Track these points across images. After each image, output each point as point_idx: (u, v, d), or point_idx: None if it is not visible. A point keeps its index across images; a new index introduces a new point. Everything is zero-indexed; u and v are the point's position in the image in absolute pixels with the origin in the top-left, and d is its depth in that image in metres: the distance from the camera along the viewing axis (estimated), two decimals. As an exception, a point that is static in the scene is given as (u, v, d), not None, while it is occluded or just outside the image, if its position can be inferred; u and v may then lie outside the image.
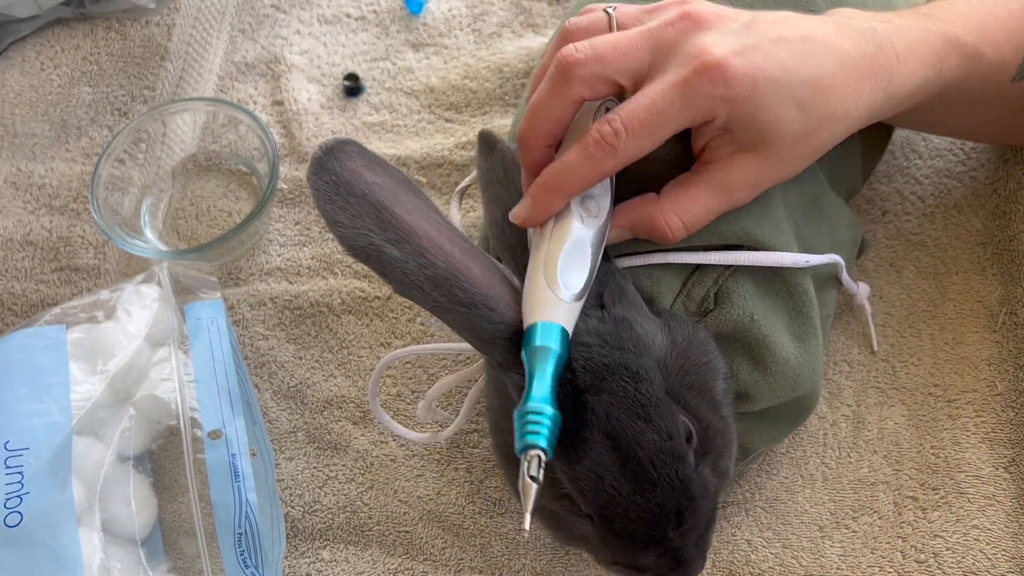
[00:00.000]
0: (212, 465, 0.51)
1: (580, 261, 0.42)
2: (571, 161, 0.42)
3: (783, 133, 0.43)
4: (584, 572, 0.55)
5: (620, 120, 0.41)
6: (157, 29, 0.75)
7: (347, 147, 0.41)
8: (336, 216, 0.40)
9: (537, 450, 0.38)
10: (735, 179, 0.44)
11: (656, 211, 0.44)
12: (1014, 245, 0.59)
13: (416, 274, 0.40)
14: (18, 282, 0.67)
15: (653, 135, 0.42)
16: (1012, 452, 0.55)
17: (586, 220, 0.43)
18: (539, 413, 0.39)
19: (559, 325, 0.41)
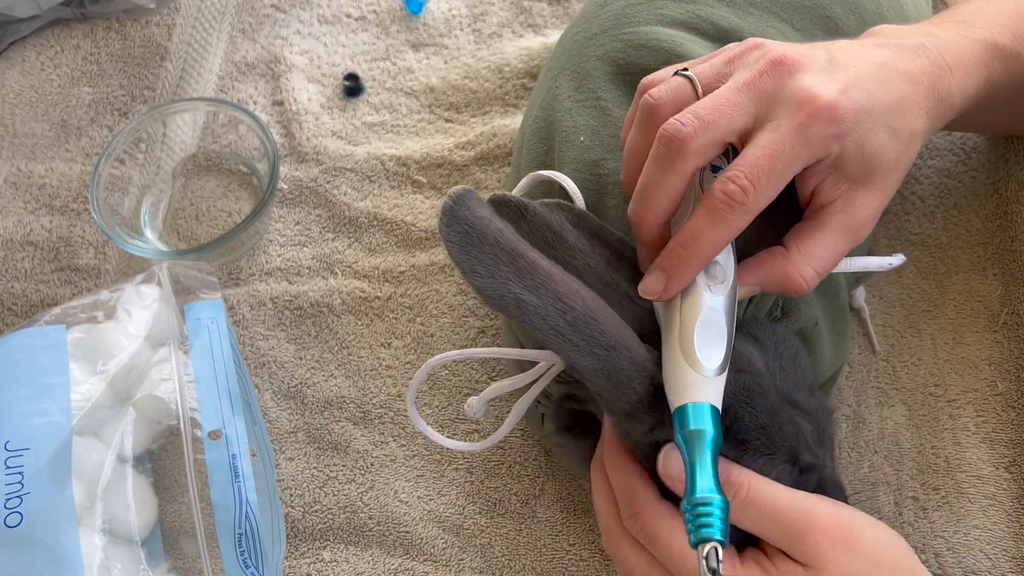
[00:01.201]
0: (212, 465, 0.51)
1: (716, 333, 0.42)
2: (701, 227, 0.41)
3: (886, 158, 0.43)
4: (584, 572, 0.55)
5: (744, 175, 0.41)
6: (157, 29, 0.75)
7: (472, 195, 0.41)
8: (474, 267, 0.39)
9: (714, 543, 0.38)
10: (859, 216, 0.44)
11: (789, 266, 0.43)
12: (1015, 245, 0.59)
13: (555, 319, 0.40)
14: (18, 282, 0.67)
15: (777, 184, 0.41)
16: (1013, 452, 0.55)
17: (713, 288, 0.43)
18: (708, 504, 0.39)
19: (709, 404, 0.40)
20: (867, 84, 0.43)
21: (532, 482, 0.58)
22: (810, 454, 0.43)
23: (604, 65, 0.54)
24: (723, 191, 0.41)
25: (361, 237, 0.67)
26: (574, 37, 0.58)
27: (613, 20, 0.56)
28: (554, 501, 0.57)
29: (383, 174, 0.69)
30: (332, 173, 0.69)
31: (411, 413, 0.49)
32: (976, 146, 0.63)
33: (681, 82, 0.44)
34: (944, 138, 0.64)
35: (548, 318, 0.40)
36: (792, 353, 0.45)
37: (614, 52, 0.54)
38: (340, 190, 0.69)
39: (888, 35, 0.47)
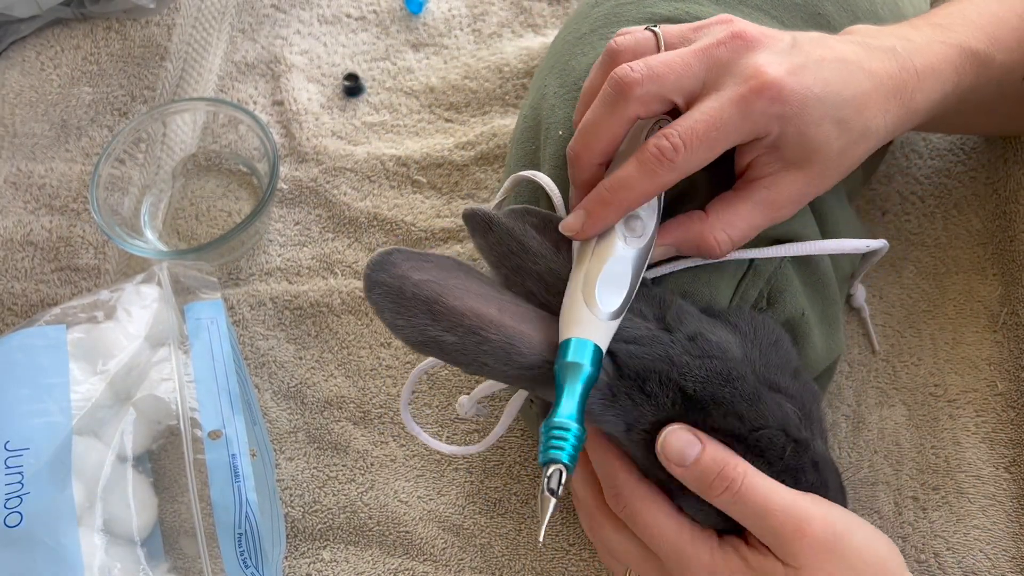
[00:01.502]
0: (212, 465, 0.51)
1: (620, 281, 0.43)
2: (629, 175, 0.43)
3: (827, 149, 0.44)
4: (584, 572, 0.55)
5: (678, 135, 0.42)
6: (157, 29, 0.75)
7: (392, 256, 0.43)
8: (395, 322, 0.42)
9: (559, 465, 0.39)
10: (782, 195, 0.45)
11: (704, 228, 0.45)
12: (1014, 245, 0.59)
13: (475, 352, 0.41)
14: (18, 282, 0.67)
15: (710, 149, 0.42)
16: (1013, 452, 0.55)
17: (629, 240, 0.44)
18: (565, 429, 0.40)
19: (592, 343, 0.41)
20: (824, 72, 0.43)
21: (532, 482, 0.58)
22: (797, 430, 0.43)
23: (590, 61, 0.54)
24: (656, 145, 0.42)
25: (361, 237, 0.67)
26: (565, 37, 0.58)
27: (603, 20, 0.56)
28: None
29: (383, 174, 0.69)
30: (332, 173, 0.69)
31: (405, 418, 0.50)
32: (976, 146, 0.63)
33: (647, 36, 0.46)
34: (944, 138, 0.64)
35: (469, 353, 0.41)
36: (772, 339, 0.46)
37: (601, 50, 0.54)
38: (340, 190, 0.69)
39: (863, 34, 0.48)
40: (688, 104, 0.43)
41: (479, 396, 0.50)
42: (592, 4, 0.59)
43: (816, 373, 0.51)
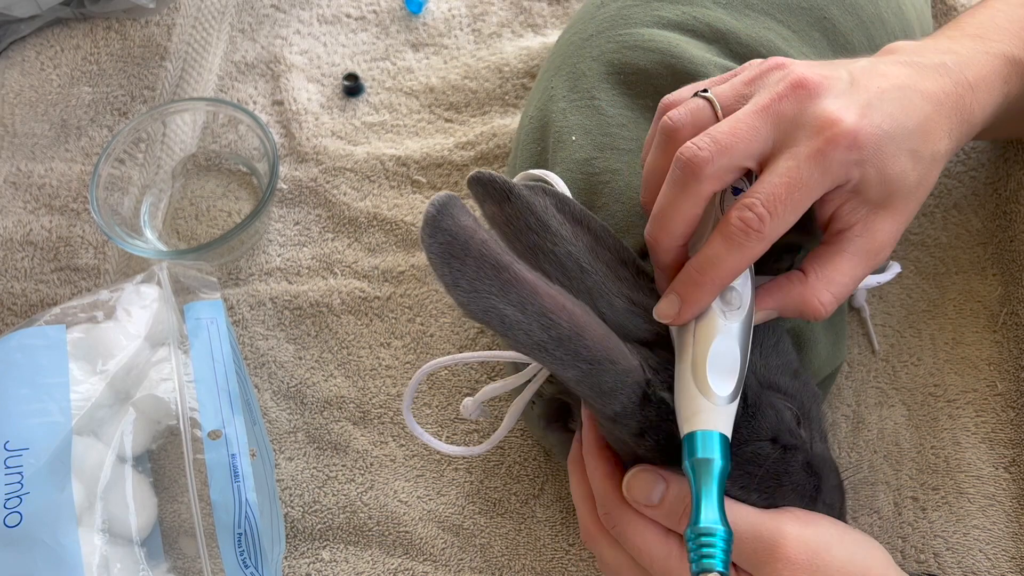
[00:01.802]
0: (212, 465, 0.51)
1: (729, 360, 0.41)
2: (717, 253, 0.41)
3: (906, 183, 0.43)
4: (584, 572, 0.55)
5: (761, 203, 0.40)
6: (157, 29, 0.75)
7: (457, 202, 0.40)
8: (456, 280, 0.38)
9: (715, 573, 0.38)
10: (878, 240, 0.44)
11: (807, 291, 0.43)
12: (1014, 245, 0.59)
13: (539, 335, 0.39)
14: (18, 282, 0.67)
15: (795, 211, 0.41)
16: (1012, 452, 0.55)
17: (728, 314, 0.42)
18: (712, 535, 0.39)
19: (719, 433, 0.40)
20: (889, 107, 0.42)
21: (532, 482, 0.58)
22: (791, 435, 0.43)
23: (599, 66, 0.54)
24: (740, 218, 0.40)
25: (361, 237, 0.67)
26: (571, 38, 0.58)
27: (609, 22, 0.56)
28: (554, 501, 0.57)
29: (383, 174, 0.69)
30: (332, 173, 0.69)
31: (408, 420, 0.49)
32: (976, 146, 0.63)
33: (701, 104, 0.44)
34: (944, 138, 0.64)
35: (532, 334, 0.39)
36: (773, 341, 0.45)
37: (609, 53, 0.54)
38: (340, 190, 0.69)
39: (908, 52, 0.47)
40: (761, 165, 0.42)
41: (484, 398, 0.50)
42: (597, 5, 0.59)
43: (818, 380, 0.51)
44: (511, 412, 0.49)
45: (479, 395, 0.50)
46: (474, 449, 0.51)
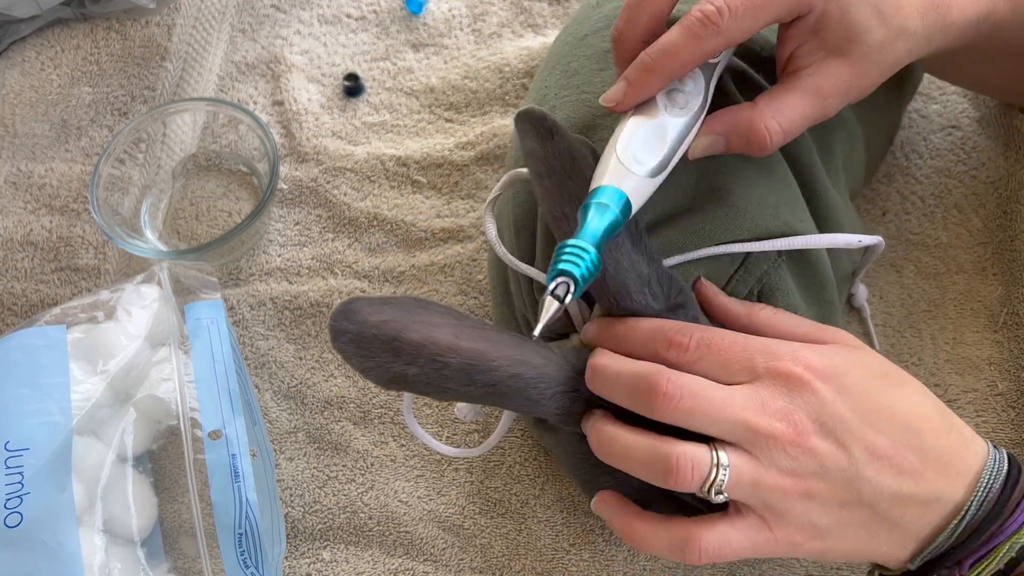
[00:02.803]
0: (212, 465, 0.51)
1: (657, 143, 0.43)
2: (672, 40, 0.42)
3: (868, 38, 0.44)
4: (584, 572, 0.55)
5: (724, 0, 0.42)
6: (157, 29, 0.75)
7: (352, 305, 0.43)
8: (363, 364, 0.42)
9: (567, 278, 0.39)
10: (828, 84, 0.44)
11: (754, 115, 0.44)
12: (1015, 245, 0.59)
13: (439, 379, 0.42)
14: (18, 282, 0.67)
15: (754, 18, 0.42)
16: (1013, 452, 0.55)
17: (671, 110, 0.43)
18: (583, 249, 0.39)
19: (623, 191, 0.41)
20: None
21: (532, 482, 0.58)
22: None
23: (591, 63, 0.54)
24: (700, 10, 0.42)
25: (361, 237, 0.67)
26: (566, 39, 0.58)
27: (604, 21, 0.56)
28: (554, 501, 0.57)
29: (383, 174, 0.69)
30: (332, 173, 0.69)
31: (409, 420, 0.50)
32: (976, 146, 0.63)
33: None
34: (944, 138, 0.64)
35: (432, 381, 0.42)
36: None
37: (603, 51, 0.54)
38: (340, 190, 0.69)
39: None
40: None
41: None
42: (593, 5, 0.59)
43: None
44: (506, 414, 0.49)
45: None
46: (472, 451, 0.52)
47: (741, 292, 0.47)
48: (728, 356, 0.41)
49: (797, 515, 0.40)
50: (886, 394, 0.42)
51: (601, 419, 0.43)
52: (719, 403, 0.40)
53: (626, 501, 0.44)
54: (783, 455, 0.39)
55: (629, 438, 0.41)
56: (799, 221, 0.49)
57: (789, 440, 0.39)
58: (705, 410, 0.40)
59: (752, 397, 0.40)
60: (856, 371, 0.42)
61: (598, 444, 0.42)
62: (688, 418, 0.40)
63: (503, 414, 0.50)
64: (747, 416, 0.39)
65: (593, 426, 0.43)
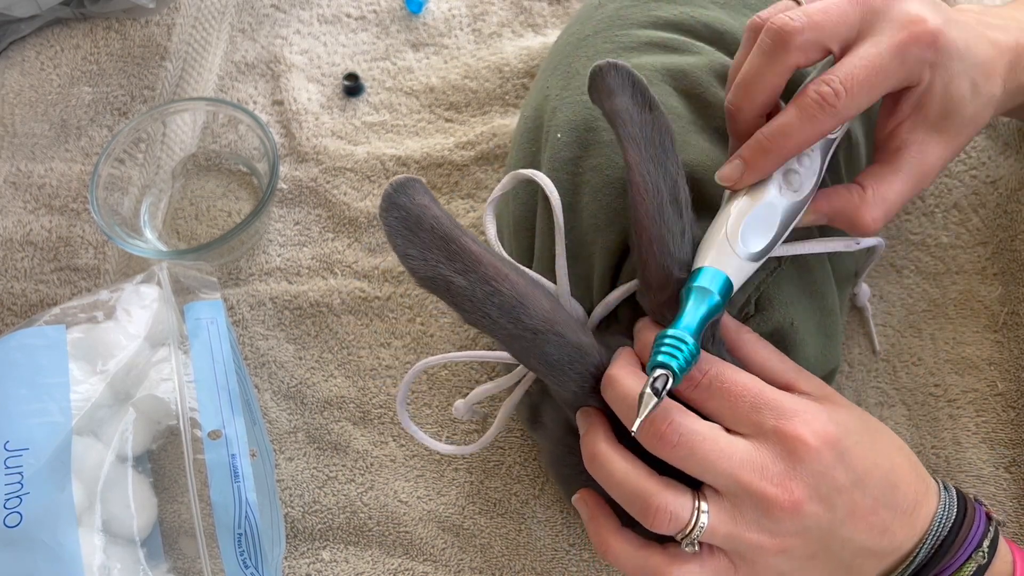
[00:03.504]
0: (212, 465, 0.50)
1: (766, 227, 0.43)
2: (788, 122, 0.43)
3: (964, 109, 0.45)
4: (584, 572, 0.55)
5: (839, 80, 0.42)
6: (157, 29, 0.75)
7: (415, 183, 0.42)
8: (407, 249, 0.41)
9: (666, 371, 0.39)
10: (928, 163, 0.45)
11: (863, 205, 0.45)
12: (1015, 245, 0.59)
13: (483, 302, 0.41)
14: (18, 282, 0.67)
15: (869, 94, 0.43)
16: (1013, 452, 0.55)
17: (784, 192, 0.44)
18: (682, 340, 0.39)
19: (726, 275, 0.41)
20: (963, 33, 0.44)
21: (532, 482, 0.58)
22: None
23: (593, 64, 0.54)
24: (816, 91, 0.42)
25: (361, 237, 0.67)
26: (568, 39, 0.58)
27: (607, 22, 0.56)
28: (554, 501, 0.57)
29: (383, 174, 0.69)
30: (332, 173, 0.69)
31: (402, 417, 0.50)
32: (976, 145, 0.63)
33: (790, 3, 0.46)
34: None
35: (477, 301, 0.41)
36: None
37: (605, 53, 0.54)
38: (340, 190, 0.69)
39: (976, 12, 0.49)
40: (843, 52, 0.44)
41: (474, 400, 0.50)
42: (595, 6, 0.59)
43: None
44: (501, 413, 0.50)
45: (470, 397, 0.50)
46: (466, 448, 0.52)
47: (739, 300, 0.47)
48: (738, 404, 0.41)
49: (767, 566, 0.41)
50: (872, 451, 0.42)
51: (601, 433, 0.43)
52: (716, 454, 0.40)
53: (605, 507, 0.44)
54: (768, 518, 0.40)
55: (620, 466, 0.41)
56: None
57: (780, 506, 0.40)
58: (701, 458, 0.40)
59: (753, 455, 0.40)
60: (852, 432, 0.42)
61: (590, 459, 0.43)
62: (682, 462, 0.40)
63: (499, 413, 0.50)
64: (743, 475, 0.40)
65: (591, 436, 0.43)
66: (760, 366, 0.44)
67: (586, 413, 0.44)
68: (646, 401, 0.38)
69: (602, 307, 0.48)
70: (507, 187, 0.50)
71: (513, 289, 0.41)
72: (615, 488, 0.41)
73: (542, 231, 0.51)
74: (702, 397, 0.42)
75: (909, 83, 0.44)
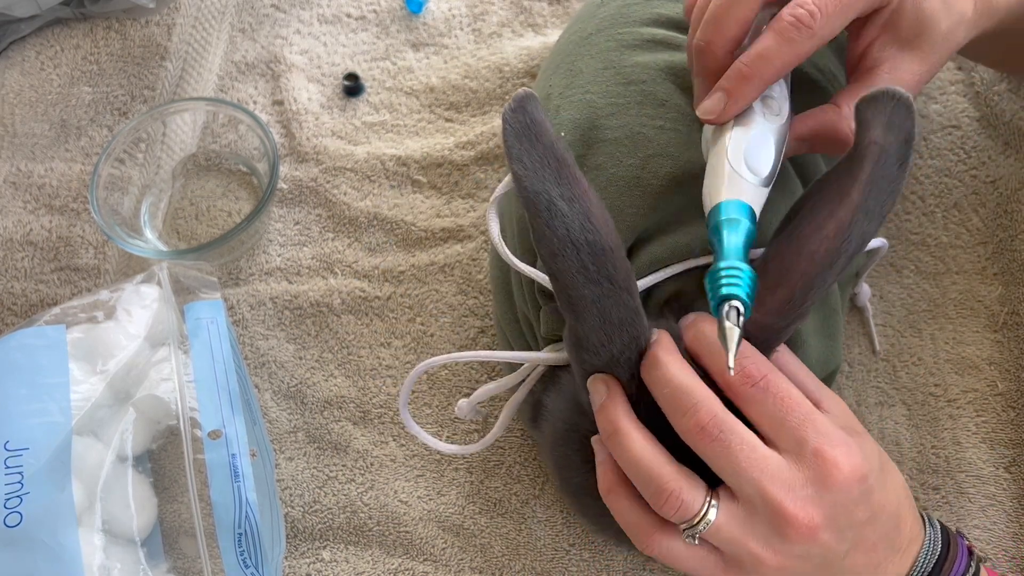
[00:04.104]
0: (212, 465, 0.50)
1: (765, 151, 0.43)
2: (767, 47, 0.42)
3: (936, 27, 0.45)
4: (584, 572, 0.55)
5: (812, 2, 0.42)
6: (157, 29, 0.75)
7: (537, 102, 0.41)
8: (522, 155, 0.40)
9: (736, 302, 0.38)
10: (904, 79, 0.45)
11: (841, 120, 0.45)
12: (1015, 244, 0.59)
13: (578, 235, 0.39)
14: (18, 282, 0.67)
15: (844, 14, 0.43)
16: (1013, 452, 0.55)
17: (768, 117, 0.44)
18: (737, 269, 0.38)
19: (747, 203, 0.41)
20: None
21: (532, 482, 0.58)
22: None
23: (596, 63, 0.54)
24: (792, 14, 0.42)
25: (361, 237, 0.67)
26: (570, 37, 0.58)
27: (609, 20, 0.56)
28: (554, 501, 0.57)
29: (383, 174, 0.69)
30: (332, 173, 0.69)
31: (404, 417, 0.49)
32: (976, 145, 0.63)
33: None
34: (944, 138, 0.64)
35: (572, 230, 0.39)
36: None
37: (607, 51, 0.54)
38: (340, 190, 0.69)
39: None
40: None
41: (478, 400, 0.50)
42: (597, 4, 0.59)
43: None
44: (504, 412, 0.49)
45: (473, 396, 0.50)
46: (468, 448, 0.51)
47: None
48: (788, 415, 0.40)
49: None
50: (885, 490, 0.42)
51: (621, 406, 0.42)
52: (751, 460, 0.39)
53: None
54: (779, 535, 0.39)
55: (640, 444, 0.41)
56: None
57: (796, 528, 0.39)
58: (734, 459, 0.39)
59: (785, 471, 0.39)
60: (875, 470, 0.41)
61: (610, 432, 0.42)
62: (715, 459, 0.40)
63: (502, 413, 0.50)
64: (771, 488, 0.39)
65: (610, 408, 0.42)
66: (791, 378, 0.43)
67: (603, 381, 0.43)
68: (730, 334, 0.37)
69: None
70: (509, 185, 0.50)
71: (610, 236, 0.40)
72: (632, 465, 0.41)
73: None
74: (753, 397, 0.41)
75: (881, 3, 0.44)
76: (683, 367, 0.41)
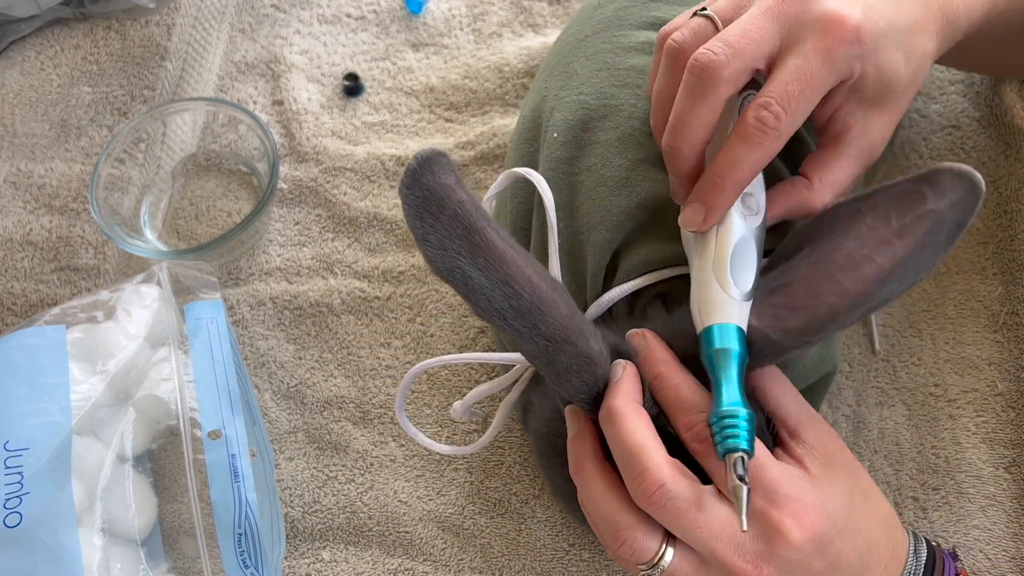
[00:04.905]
0: (212, 465, 0.51)
1: (748, 260, 0.43)
2: (736, 154, 0.42)
3: (900, 80, 0.44)
4: (584, 572, 0.55)
5: (775, 101, 0.42)
6: (157, 29, 0.75)
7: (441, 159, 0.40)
8: (426, 235, 0.39)
9: (740, 453, 0.38)
10: (874, 140, 0.46)
11: (814, 196, 0.45)
12: (1015, 244, 0.59)
13: (500, 303, 0.39)
14: (18, 282, 0.67)
15: (807, 106, 0.42)
16: (1013, 452, 0.55)
17: (748, 218, 0.44)
18: (734, 416, 0.39)
19: (735, 325, 0.41)
20: (884, 8, 0.43)
21: (532, 482, 0.58)
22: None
23: (591, 64, 0.54)
24: (757, 118, 0.42)
25: (361, 237, 0.67)
26: (567, 39, 0.58)
27: (605, 23, 0.56)
28: (554, 501, 0.57)
29: (383, 174, 0.69)
30: (332, 173, 0.69)
31: (400, 418, 0.50)
32: (976, 145, 0.63)
33: (702, 22, 0.45)
34: (944, 138, 0.64)
35: (494, 300, 0.39)
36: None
37: (603, 53, 0.54)
38: (340, 190, 0.69)
39: None
40: (770, 66, 0.43)
41: (472, 402, 0.50)
42: (594, 7, 0.59)
43: (805, 384, 0.50)
44: (499, 412, 0.49)
45: (467, 398, 0.50)
46: (464, 448, 0.52)
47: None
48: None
49: None
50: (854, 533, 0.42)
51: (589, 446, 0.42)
52: (696, 523, 0.39)
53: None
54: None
55: (600, 490, 0.41)
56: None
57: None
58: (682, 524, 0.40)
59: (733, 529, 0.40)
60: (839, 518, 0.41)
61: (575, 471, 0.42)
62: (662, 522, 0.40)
63: (497, 413, 0.50)
64: (719, 547, 0.39)
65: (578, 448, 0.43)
66: (774, 401, 0.44)
67: (575, 415, 0.44)
68: (739, 495, 0.38)
69: (595, 307, 0.48)
70: (502, 186, 0.50)
71: (534, 294, 0.39)
72: (591, 508, 0.42)
73: (537, 230, 0.51)
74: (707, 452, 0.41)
75: (842, 80, 0.43)
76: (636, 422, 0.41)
